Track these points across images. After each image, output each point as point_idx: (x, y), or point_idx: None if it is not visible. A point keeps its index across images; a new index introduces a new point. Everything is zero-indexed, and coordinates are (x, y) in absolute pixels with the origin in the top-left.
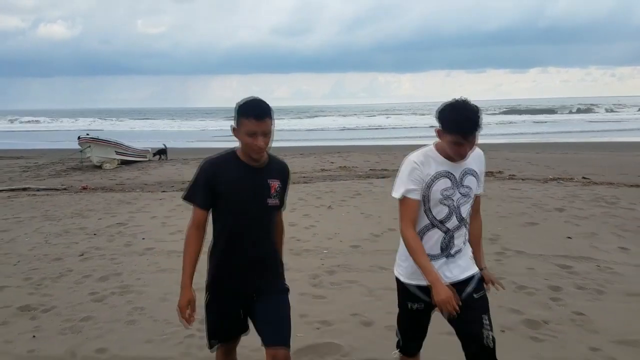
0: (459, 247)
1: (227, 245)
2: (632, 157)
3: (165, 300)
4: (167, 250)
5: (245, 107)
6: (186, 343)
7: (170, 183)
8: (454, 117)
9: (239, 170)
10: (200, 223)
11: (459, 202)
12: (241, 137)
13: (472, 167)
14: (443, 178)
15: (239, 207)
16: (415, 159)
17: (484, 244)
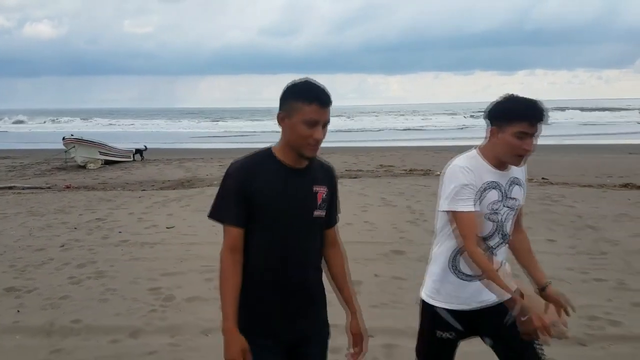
0: (497, 266)
1: (263, 274)
2: (598, 159)
3: (134, 283)
4: (140, 242)
5: (304, 89)
6: (149, 316)
7: (151, 182)
8: (518, 104)
9: (278, 173)
10: (236, 245)
11: (505, 217)
12: (294, 127)
13: (517, 176)
14: (492, 190)
15: (279, 221)
16: (465, 165)
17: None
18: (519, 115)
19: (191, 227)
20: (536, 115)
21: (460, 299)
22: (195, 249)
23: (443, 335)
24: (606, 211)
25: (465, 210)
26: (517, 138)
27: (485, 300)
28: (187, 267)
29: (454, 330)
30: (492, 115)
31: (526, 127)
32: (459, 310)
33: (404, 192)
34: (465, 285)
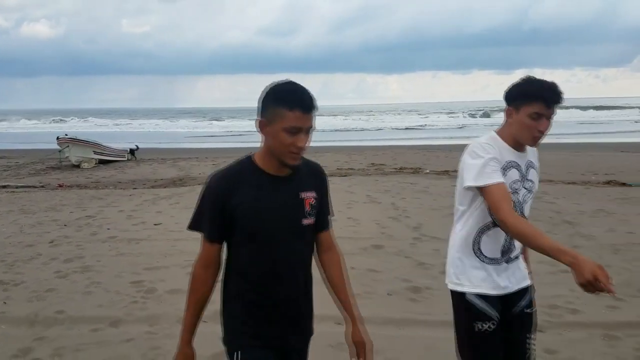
0: (517, 252)
1: (250, 287)
2: (588, 157)
3: (118, 277)
4: (127, 238)
5: (286, 93)
6: (130, 307)
7: (143, 181)
8: (535, 85)
9: (260, 184)
10: (210, 261)
11: (524, 198)
12: (275, 135)
13: (533, 160)
14: (513, 169)
15: (265, 234)
16: (487, 142)
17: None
18: (535, 96)
19: (178, 224)
20: (552, 97)
21: (485, 282)
22: (180, 245)
23: (483, 328)
24: (585, 207)
25: (496, 181)
26: (532, 119)
27: (505, 288)
28: (170, 261)
29: (492, 320)
30: (510, 96)
31: (541, 108)
32: (488, 295)
33: (390, 190)
34: (488, 269)
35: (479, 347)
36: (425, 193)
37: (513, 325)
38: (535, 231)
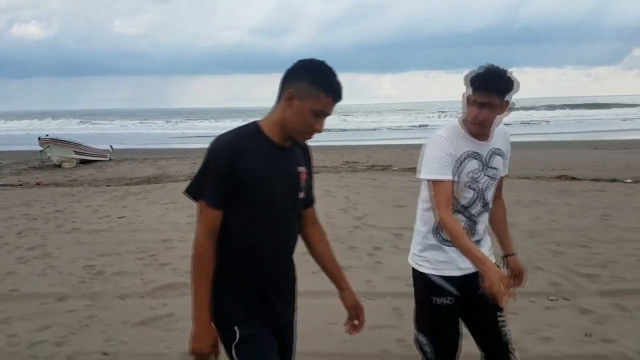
0: (480, 236)
1: (251, 257)
2: (558, 154)
3: (73, 262)
4: (89, 230)
5: (326, 77)
6: (77, 286)
7: (119, 179)
8: (481, 73)
9: (267, 152)
10: (214, 228)
11: (486, 185)
12: (301, 113)
13: (499, 147)
14: (472, 159)
15: (268, 203)
16: (444, 135)
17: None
18: (477, 84)
19: (140, 217)
20: (495, 85)
21: (444, 264)
22: (137, 235)
23: (439, 302)
24: (523, 199)
25: (443, 178)
26: (474, 105)
27: (463, 269)
28: (124, 249)
29: (449, 295)
30: (465, 82)
31: (483, 96)
32: (452, 276)
33: (349, 185)
34: (449, 252)
35: (434, 320)
36: (381, 188)
37: (480, 306)
38: (460, 234)
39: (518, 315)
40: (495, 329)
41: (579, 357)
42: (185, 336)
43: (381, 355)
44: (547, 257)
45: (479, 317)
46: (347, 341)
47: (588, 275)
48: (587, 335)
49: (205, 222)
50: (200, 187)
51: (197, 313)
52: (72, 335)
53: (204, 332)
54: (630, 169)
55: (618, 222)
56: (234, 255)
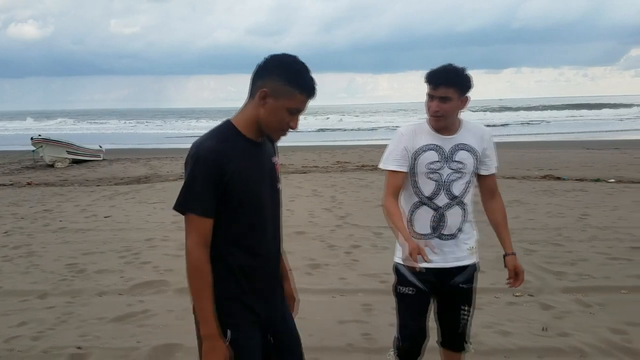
0: (453, 231)
1: (245, 255)
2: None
3: (57, 260)
4: (75, 229)
5: (299, 75)
6: (58, 283)
7: (110, 179)
8: (433, 69)
9: (247, 150)
10: (208, 239)
11: (449, 178)
12: (276, 111)
13: (468, 143)
14: (430, 151)
15: (254, 199)
16: (403, 131)
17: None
18: (428, 79)
19: (126, 216)
20: (440, 78)
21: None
22: (122, 234)
23: (403, 291)
24: (505, 198)
25: (392, 169)
26: (427, 98)
27: (436, 262)
28: (108, 248)
29: (412, 285)
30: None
31: (431, 89)
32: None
33: (336, 185)
34: (419, 244)
35: (400, 305)
36: (367, 187)
37: (448, 297)
38: (393, 213)
39: (481, 310)
40: (456, 320)
41: (532, 350)
42: (157, 331)
43: (345, 348)
44: (519, 255)
45: (445, 306)
46: (313, 335)
47: (556, 272)
48: (544, 330)
49: (197, 233)
50: (190, 200)
51: (204, 328)
52: (49, 331)
53: (214, 347)
54: (616, 169)
55: (594, 222)
56: (227, 258)
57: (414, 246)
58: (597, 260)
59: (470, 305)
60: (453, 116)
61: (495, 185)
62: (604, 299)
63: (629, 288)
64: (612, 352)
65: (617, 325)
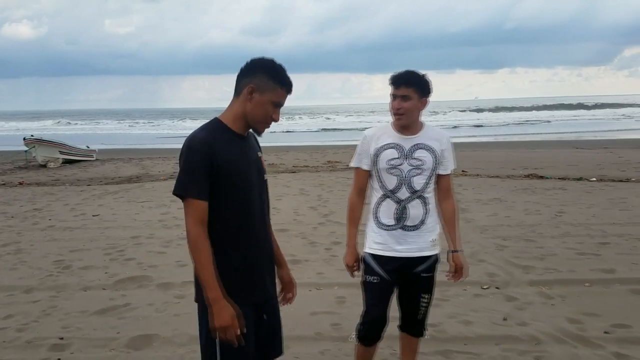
0: (415, 222)
1: (235, 239)
2: (534, 153)
3: (44, 257)
4: (64, 227)
5: (280, 72)
6: (45, 279)
7: (101, 179)
8: (395, 73)
9: (234, 142)
10: (204, 219)
11: (410, 173)
12: (261, 105)
13: (428, 143)
14: (390, 149)
15: (245, 187)
16: (367, 133)
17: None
18: (390, 80)
19: (114, 215)
20: (400, 79)
21: (381, 245)
22: (108, 232)
23: (368, 279)
24: (485, 196)
25: (356, 166)
26: (392, 98)
27: (399, 252)
28: (94, 245)
29: (376, 275)
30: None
31: (393, 89)
32: (380, 255)
33: (324, 184)
34: (384, 234)
35: (366, 292)
36: None
37: (410, 285)
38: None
39: (448, 302)
40: (416, 307)
41: (490, 337)
42: (136, 323)
43: (314, 337)
44: (491, 251)
45: (406, 294)
46: (286, 326)
47: (524, 266)
48: (504, 320)
49: (194, 214)
50: (187, 185)
51: (210, 293)
52: (33, 323)
53: (221, 308)
54: (600, 168)
55: (569, 219)
56: (220, 240)
57: (353, 256)
58: (566, 255)
59: (429, 293)
60: (414, 116)
61: (449, 185)
62: (567, 291)
63: (592, 281)
64: (565, 340)
65: (574, 315)
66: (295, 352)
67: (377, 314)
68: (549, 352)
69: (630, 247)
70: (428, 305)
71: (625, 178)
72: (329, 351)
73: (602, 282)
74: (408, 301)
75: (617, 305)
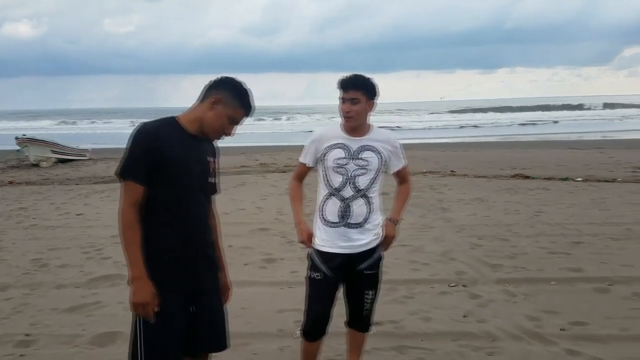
0: (359, 220)
1: (169, 230)
2: (525, 154)
3: (23, 255)
4: (46, 226)
5: (245, 95)
6: (21, 277)
7: (90, 178)
8: (344, 76)
9: (183, 139)
10: (138, 202)
11: (355, 172)
12: (220, 116)
13: (374, 145)
14: (337, 149)
15: (184, 182)
16: (316, 132)
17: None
18: (340, 84)
19: (98, 214)
20: (348, 82)
21: (326, 242)
22: (90, 231)
23: (312, 276)
24: (468, 196)
25: (301, 162)
26: (340, 101)
27: (343, 248)
28: (74, 244)
29: (320, 272)
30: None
31: (342, 92)
32: (324, 252)
33: (310, 183)
34: (329, 231)
35: (310, 288)
36: None
37: (355, 282)
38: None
39: (413, 299)
40: (360, 303)
41: (448, 334)
42: (103, 320)
43: (277, 334)
44: (464, 249)
45: (352, 290)
46: (251, 323)
47: (494, 265)
48: (464, 317)
49: (129, 195)
50: (127, 168)
51: (133, 270)
52: (3, 320)
53: (142, 285)
54: (588, 168)
55: (546, 218)
56: (156, 229)
57: (305, 231)
58: (537, 254)
59: (373, 289)
60: (362, 118)
61: (405, 176)
62: (532, 289)
63: (558, 280)
64: (521, 336)
65: (534, 313)
66: (254, 348)
67: (319, 311)
68: (503, 348)
69: (602, 246)
70: (373, 301)
71: (612, 178)
72: (289, 347)
73: (568, 281)
74: (353, 298)
75: (578, 303)
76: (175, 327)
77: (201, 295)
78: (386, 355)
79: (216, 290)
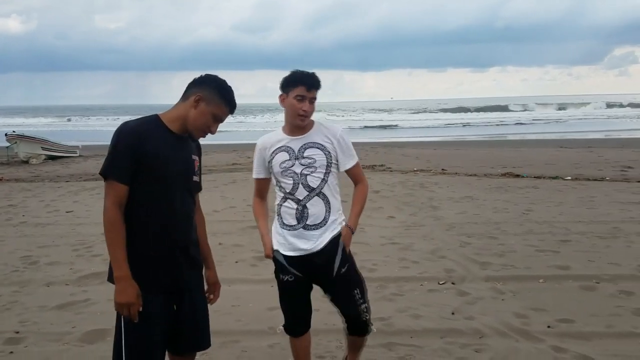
0: (317, 221)
1: (152, 229)
2: (516, 152)
3: (12, 253)
4: (36, 223)
5: (229, 94)
6: (10, 274)
7: (80, 175)
8: (296, 74)
9: (166, 138)
10: (121, 201)
11: (303, 172)
12: (204, 114)
13: (317, 141)
14: (281, 152)
15: (167, 181)
16: (259, 144)
17: None
18: (298, 81)
19: (88, 211)
20: (312, 81)
21: (285, 245)
22: (79, 228)
23: (284, 279)
24: (457, 194)
25: (255, 177)
26: (297, 100)
27: (304, 250)
28: (63, 241)
29: (291, 273)
30: (281, 85)
31: (304, 90)
32: (289, 255)
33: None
34: (287, 234)
35: (281, 291)
36: None
37: (338, 284)
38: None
39: (402, 297)
40: (354, 307)
41: (436, 331)
42: (93, 318)
43: (266, 331)
44: (453, 247)
45: (338, 298)
46: (241, 320)
47: (482, 263)
48: (452, 314)
49: (113, 194)
50: (110, 167)
51: (117, 271)
52: None
53: (126, 286)
54: (577, 167)
55: (535, 217)
56: (138, 228)
57: (269, 246)
58: (525, 252)
59: (359, 287)
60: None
61: (358, 175)
62: (520, 287)
63: (546, 277)
64: (508, 333)
65: (521, 310)
66: (244, 346)
67: (295, 311)
68: (490, 345)
69: (590, 244)
70: (364, 300)
71: (600, 177)
72: (278, 344)
73: (555, 279)
74: (344, 305)
75: (564, 301)
76: (158, 327)
77: (184, 294)
78: (375, 352)
79: (199, 288)
